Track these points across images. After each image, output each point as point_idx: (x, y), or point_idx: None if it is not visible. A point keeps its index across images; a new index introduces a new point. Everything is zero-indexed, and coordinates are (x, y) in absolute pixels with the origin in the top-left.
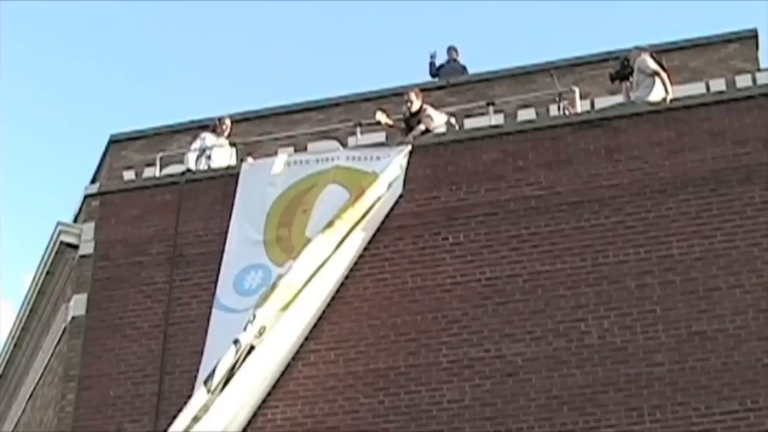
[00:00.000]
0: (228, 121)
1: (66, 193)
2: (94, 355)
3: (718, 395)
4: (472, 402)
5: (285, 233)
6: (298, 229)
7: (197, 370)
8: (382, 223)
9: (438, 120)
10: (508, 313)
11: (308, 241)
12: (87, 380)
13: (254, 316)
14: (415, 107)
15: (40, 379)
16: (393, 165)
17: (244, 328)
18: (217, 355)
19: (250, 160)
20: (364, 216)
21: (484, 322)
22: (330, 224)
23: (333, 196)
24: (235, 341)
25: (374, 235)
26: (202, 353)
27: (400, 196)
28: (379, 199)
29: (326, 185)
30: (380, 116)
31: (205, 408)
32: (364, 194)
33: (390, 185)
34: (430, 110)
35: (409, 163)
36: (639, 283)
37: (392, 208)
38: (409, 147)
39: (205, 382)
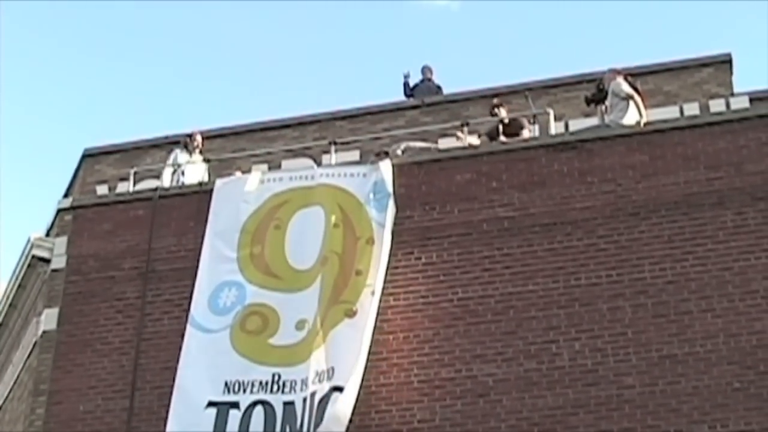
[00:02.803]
0: (199, 137)
1: (39, 206)
2: (65, 370)
3: (688, 418)
4: (443, 422)
5: (258, 250)
6: (274, 248)
7: (169, 386)
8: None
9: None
10: (479, 333)
11: (296, 273)
12: (57, 395)
13: (279, 376)
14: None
15: (9, 393)
16: (368, 181)
17: (245, 390)
18: (192, 374)
19: (239, 173)
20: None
21: (455, 343)
22: (324, 260)
23: (309, 217)
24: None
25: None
26: (174, 369)
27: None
28: (365, 217)
29: (305, 205)
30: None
31: None
32: (346, 218)
33: (371, 202)
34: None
35: (394, 174)
36: (610, 305)
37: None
38: (387, 161)
39: None
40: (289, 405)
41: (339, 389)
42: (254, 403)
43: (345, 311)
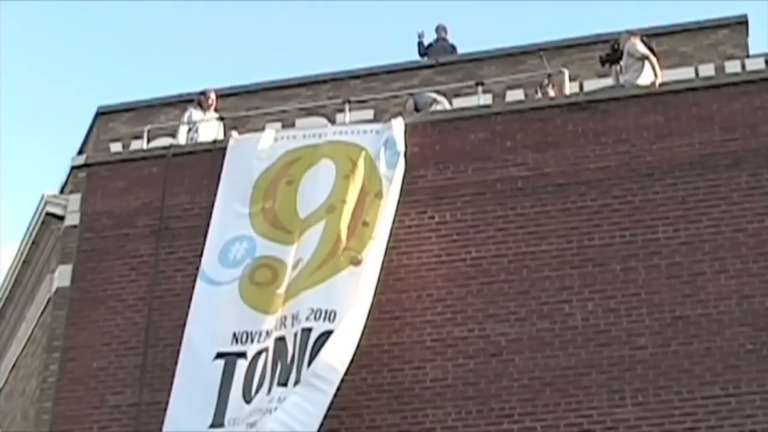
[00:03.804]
0: (213, 95)
1: (53, 164)
2: (78, 327)
3: (700, 380)
4: (455, 381)
5: (270, 205)
6: (285, 202)
7: (180, 343)
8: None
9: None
10: (492, 293)
11: (302, 222)
12: (70, 351)
13: (276, 319)
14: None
15: (23, 350)
16: (380, 138)
17: (253, 340)
18: (201, 327)
19: (235, 134)
20: (377, 194)
21: (468, 302)
22: (331, 208)
23: (321, 171)
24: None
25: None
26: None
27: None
28: (375, 172)
29: (318, 160)
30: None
31: None
32: (356, 170)
33: (382, 158)
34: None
35: (406, 132)
36: (624, 266)
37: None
38: (399, 119)
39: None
40: (280, 340)
41: (332, 332)
42: (260, 352)
43: (350, 258)
